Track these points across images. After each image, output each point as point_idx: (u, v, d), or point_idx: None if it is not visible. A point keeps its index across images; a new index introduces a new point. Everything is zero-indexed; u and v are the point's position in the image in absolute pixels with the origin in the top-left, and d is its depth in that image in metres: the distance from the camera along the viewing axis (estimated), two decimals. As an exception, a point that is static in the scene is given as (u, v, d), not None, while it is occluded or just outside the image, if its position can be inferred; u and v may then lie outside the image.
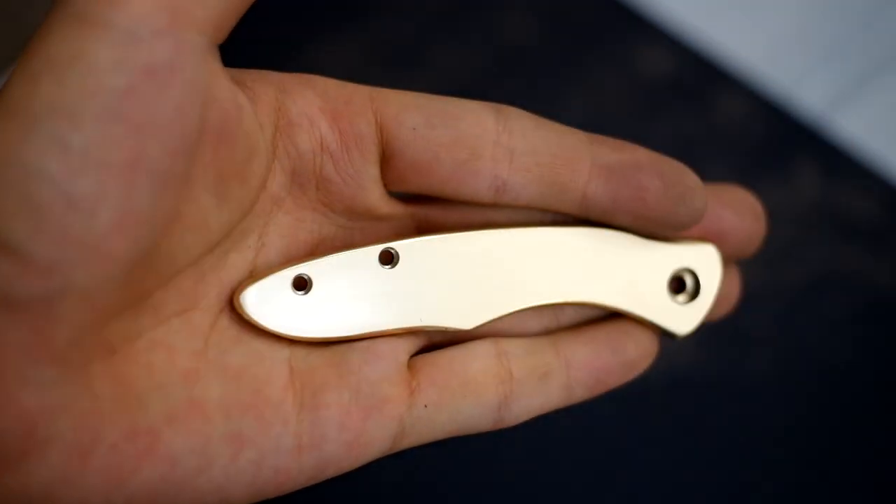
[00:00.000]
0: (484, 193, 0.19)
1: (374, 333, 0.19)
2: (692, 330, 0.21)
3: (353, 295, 0.19)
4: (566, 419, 0.25)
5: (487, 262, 0.19)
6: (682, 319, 0.21)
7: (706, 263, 0.21)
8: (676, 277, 0.21)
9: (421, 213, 0.20)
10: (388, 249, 0.19)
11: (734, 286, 0.22)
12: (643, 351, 0.21)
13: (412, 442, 0.19)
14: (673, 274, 0.21)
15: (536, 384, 0.20)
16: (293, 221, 0.19)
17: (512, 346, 0.20)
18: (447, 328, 0.19)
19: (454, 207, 0.20)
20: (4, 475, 0.15)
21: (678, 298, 0.21)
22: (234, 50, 0.18)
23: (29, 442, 0.15)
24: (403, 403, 0.19)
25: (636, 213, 0.19)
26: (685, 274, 0.21)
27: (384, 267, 0.19)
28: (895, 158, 0.39)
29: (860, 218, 0.38)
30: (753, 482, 0.35)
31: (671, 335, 0.21)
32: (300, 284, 0.19)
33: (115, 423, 0.16)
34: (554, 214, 0.20)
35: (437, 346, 0.20)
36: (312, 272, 0.19)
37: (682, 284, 0.21)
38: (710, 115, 0.39)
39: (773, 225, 0.22)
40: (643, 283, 0.20)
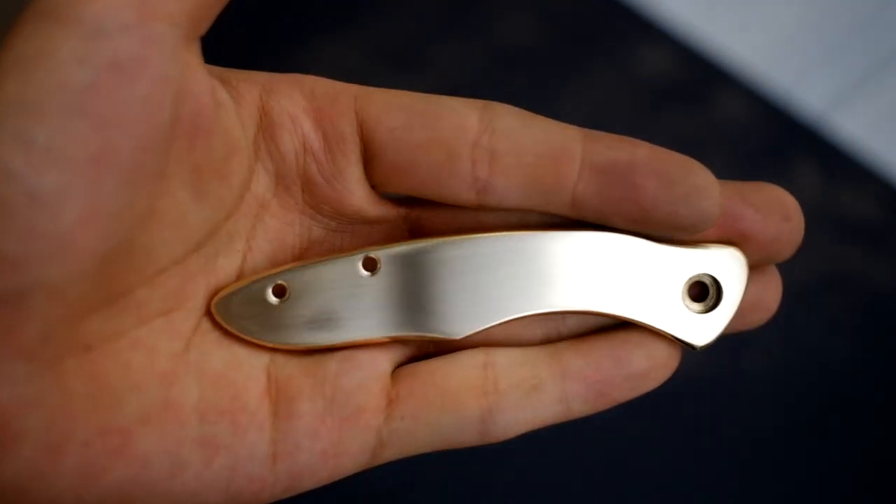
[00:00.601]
0: (466, 195, 0.18)
1: (355, 342, 0.18)
2: (712, 340, 0.19)
3: (333, 303, 0.18)
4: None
5: (478, 268, 0.19)
6: (699, 329, 0.19)
7: (729, 268, 0.19)
8: (696, 283, 0.19)
9: (413, 215, 0.19)
10: (369, 256, 0.19)
11: (773, 292, 0.20)
12: (655, 363, 0.19)
13: (394, 454, 0.18)
14: (691, 280, 0.19)
15: (523, 397, 0.18)
16: (281, 225, 0.19)
17: (502, 356, 0.19)
18: (434, 337, 0.19)
19: (445, 210, 0.19)
20: None
21: (696, 306, 0.19)
22: (234, 50, 0.18)
23: (1, 435, 0.15)
24: (381, 414, 0.18)
25: (630, 215, 0.18)
26: (706, 280, 0.19)
27: (366, 274, 0.19)
28: (895, 158, 0.39)
29: (860, 218, 0.38)
30: (753, 481, 0.35)
31: (689, 346, 0.19)
32: (279, 291, 0.18)
33: (88, 420, 0.16)
34: (553, 217, 0.19)
35: (429, 356, 0.19)
36: (292, 279, 0.18)
37: (703, 291, 0.19)
38: (710, 115, 0.39)
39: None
40: (655, 290, 0.19)
